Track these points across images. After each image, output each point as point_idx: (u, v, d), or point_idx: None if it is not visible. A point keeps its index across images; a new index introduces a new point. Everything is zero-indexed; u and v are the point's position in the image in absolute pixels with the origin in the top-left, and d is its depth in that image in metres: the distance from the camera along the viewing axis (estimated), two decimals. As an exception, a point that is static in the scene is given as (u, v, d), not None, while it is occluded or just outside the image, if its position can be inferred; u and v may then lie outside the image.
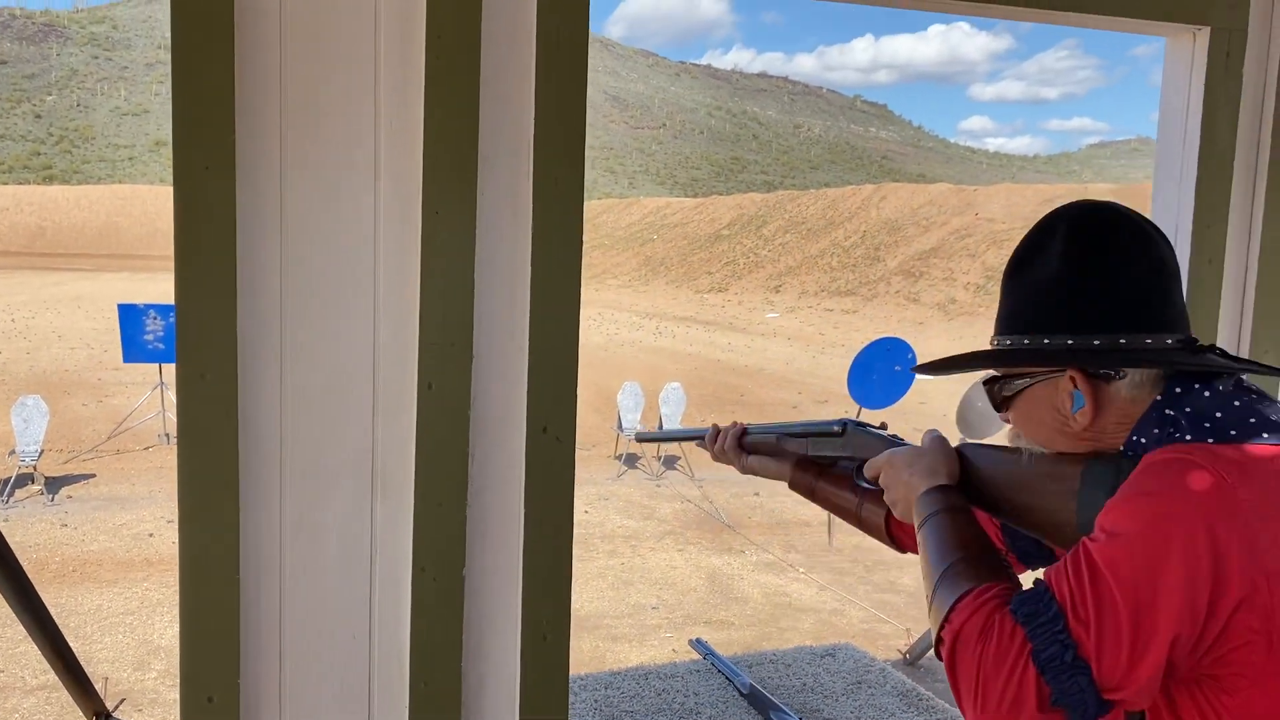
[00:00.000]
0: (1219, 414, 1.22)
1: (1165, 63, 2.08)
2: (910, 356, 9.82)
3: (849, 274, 36.60)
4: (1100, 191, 32.98)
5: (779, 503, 10.43)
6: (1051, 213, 1.37)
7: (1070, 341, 1.29)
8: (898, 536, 1.75)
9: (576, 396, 1.69)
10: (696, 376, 18.50)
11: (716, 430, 1.82)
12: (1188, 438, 1.22)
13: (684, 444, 11.97)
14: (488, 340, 1.65)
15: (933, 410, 14.36)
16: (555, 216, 1.66)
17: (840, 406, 14.77)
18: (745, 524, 9.62)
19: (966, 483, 1.42)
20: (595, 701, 2.56)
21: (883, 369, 9.67)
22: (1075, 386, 1.30)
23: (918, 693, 2.57)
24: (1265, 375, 1.32)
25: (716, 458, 1.84)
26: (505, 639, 1.69)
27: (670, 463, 12.00)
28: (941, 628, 1.23)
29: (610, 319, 30.48)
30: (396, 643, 1.65)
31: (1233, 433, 1.20)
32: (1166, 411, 1.25)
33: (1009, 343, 1.35)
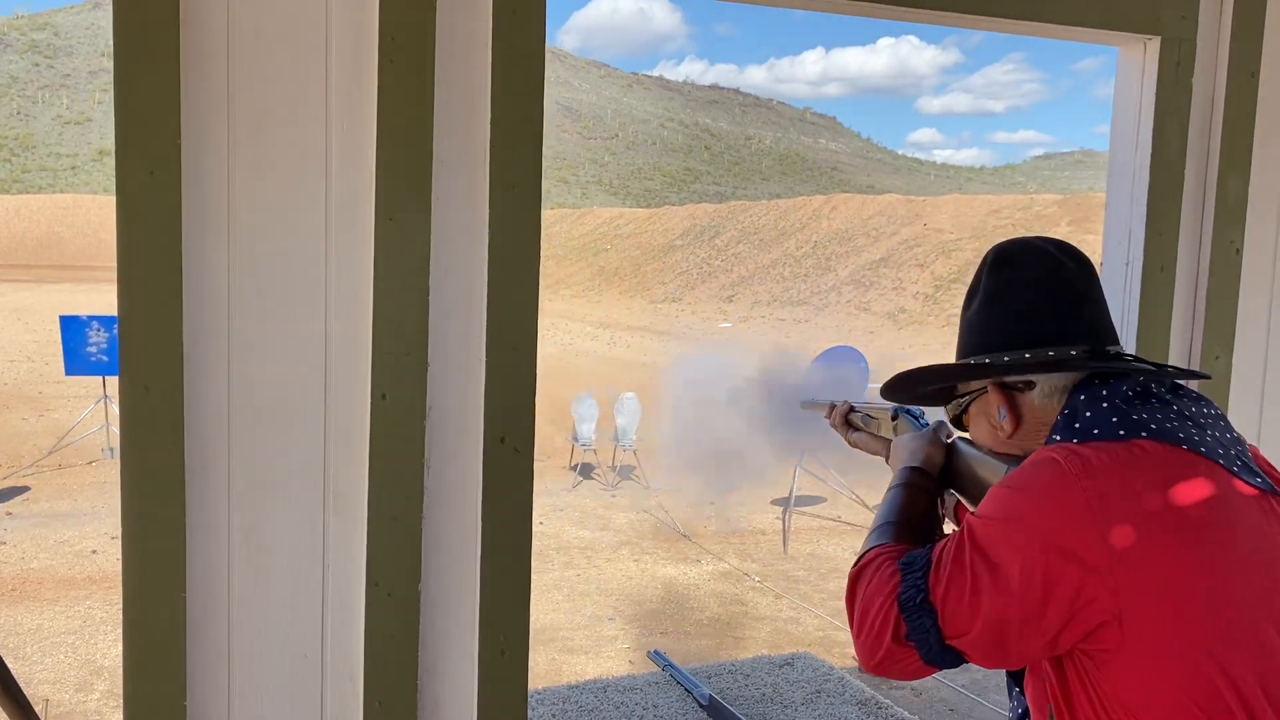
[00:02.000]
0: (1088, 414, 1.38)
1: (1117, 72, 2.10)
2: (863, 365, 9.91)
3: (801, 284, 36.87)
4: (1045, 202, 33.55)
5: (734, 511, 10.44)
6: (987, 253, 1.57)
7: (988, 359, 1.47)
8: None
9: (535, 407, 1.66)
10: (651, 386, 18.48)
11: (832, 406, 1.98)
12: (1057, 438, 1.39)
13: (640, 454, 11.95)
14: (443, 349, 1.61)
15: (885, 418, 14.49)
16: (513, 224, 1.63)
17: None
18: (701, 533, 9.61)
19: (947, 468, 1.63)
20: (553, 716, 2.53)
21: (836, 377, 9.74)
22: (997, 401, 1.48)
23: (877, 701, 2.56)
24: (1168, 376, 1.46)
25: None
26: (462, 655, 1.65)
27: (625, 473, 11.96)
28: (853, 567, 1.47)
29: (564, 329, 30.38)
30: (350, 661, 1.60)
31: (1095, 431, 1.36)
32: (1062, 412, 1.42)
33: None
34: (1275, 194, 2.20)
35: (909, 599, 1.37)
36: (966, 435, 1.61)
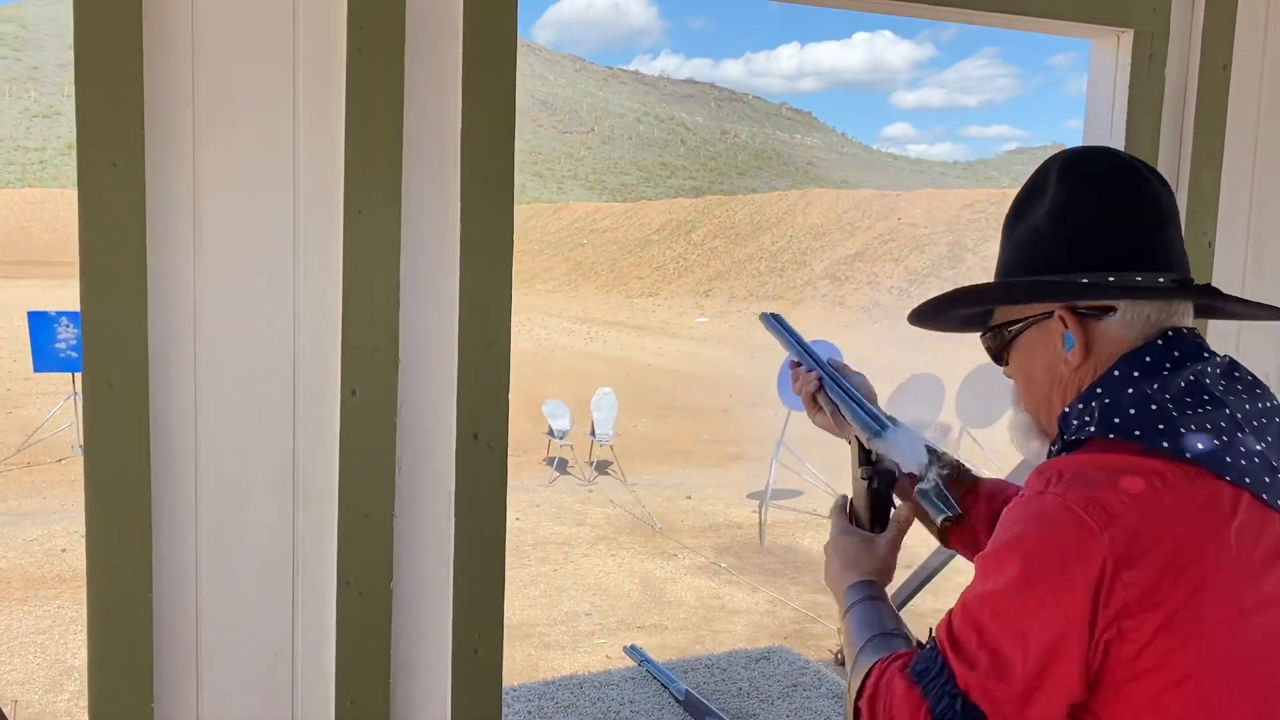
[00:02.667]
0: (1133, 410, 1.22)
1: (1090, 65, 2.11)
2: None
3: (777, 278, 36.95)
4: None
5: (711, 505, 10.45)
6: (1046, 160, 1.36)
7: (1060, 280, 1.28)
8: (954, 546, 1.72)
9: (508, 402, 1.64)
10: (628, 381, 18.47)
11: (797, 367, 1.70)
12: (1091, 430, 1.24)
13: (617, 449, 11.93)
14: (415, 344, 1.59)
15: (860, 412, 14.54)
16: (485, 217, 1.61)
17: (771, 409, 14.90)
18: (677, 527, 9.61)
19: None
20: (529, 713, 2.51)
21: (812, 371, 9.76)
22: (1065, 326, 1.29)
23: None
24: (1264, 319, 1.33)
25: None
26: (436, 655, 1.63)
27: (602, 468, 11.95)
28: (858, 698, 1.28)
29: (540, 324, 30.31)
30: (321, 662, 1.58)
31: (1136, 433, 1.21)
32: (1097, 390, 1.26)
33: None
34: (1246, 187, 2.21)
35: (944, 711, 1.20)
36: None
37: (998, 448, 10.54)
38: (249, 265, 1.54)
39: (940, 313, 1.45)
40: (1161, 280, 1.27)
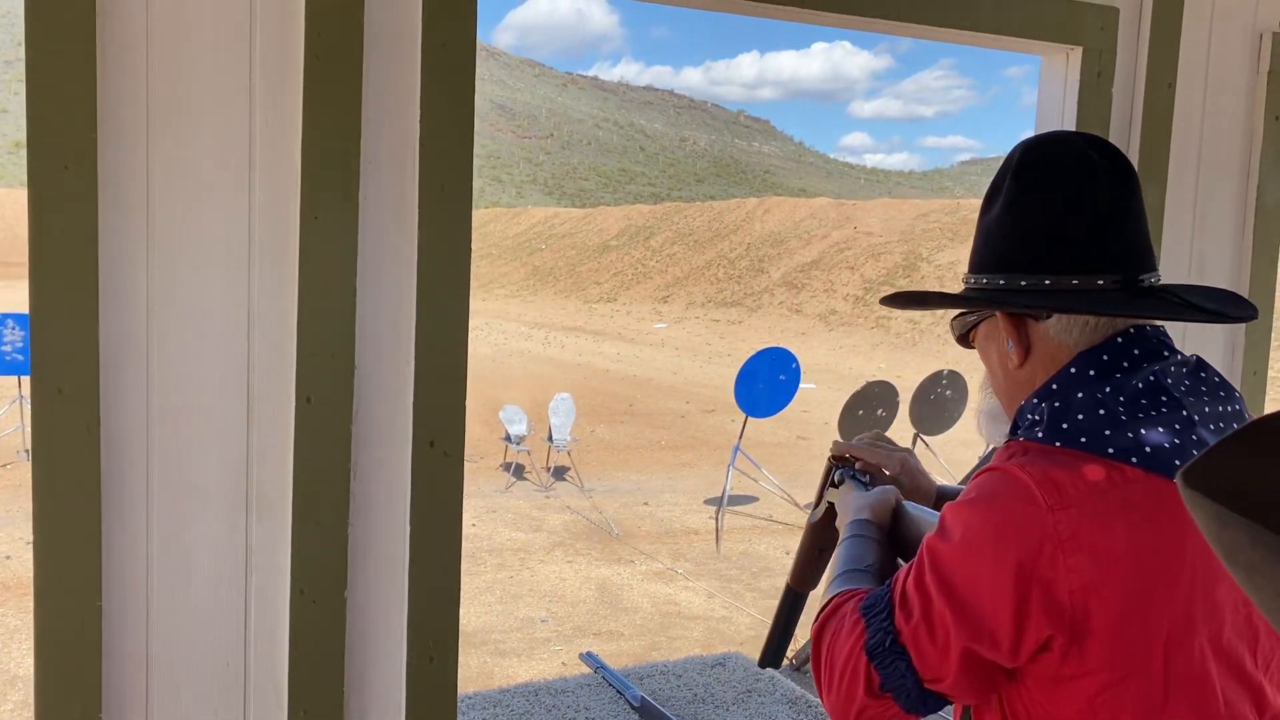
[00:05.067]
0: (1080, 416, 1.23)
1: (1040, 81, 2.15)
2: (794, 366, 9.99)
3: (734, 285, 37.12)
4: (971, 206, 34.26)
5: (667, 511, 10.47)
6: (1014, 147, 1.37)
7: (1001, 281, 1.30)
8: None
9: (465, 409, 1.64)
10: (586, 386, 18.46)
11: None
12: (1039, 435, 1.25)
13: (574, 455, 11.91)
14: (371, 351, 1.58)
15: (815, 419, 14.63)
16: (442, 223, 1.61)
17: (727, 415, 14.94)
18: (634, 534, 9.62)
19: (894, 532, 1.51)
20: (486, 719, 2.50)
21: (768, 378, 9.82)
22: (1004, 330, 1.32)
23: (807, 699, 2.58)
24: (1213, 322, 1.31)
25: None
26: (390, 663, 1.62)
27: (559, 473, 11.92)
28: (815, 621, 1.36)
29: (498, 329, 30.18)
30: (273, 670, 1.57)
31: (1081, 440, 1.22)
32: (1053, 387, 1.27)
33: (967, 283, 1.38)
34: (1190, 204, 2.26)
35: (877, 644, 1.25)
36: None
37: (950, 453, 10.67)
38: (203, 270, 1.53)
39: (907, 305, 1.49)
40: (1101, 283, 1.26)
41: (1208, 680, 1.23)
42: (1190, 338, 2.33)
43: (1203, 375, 1.28)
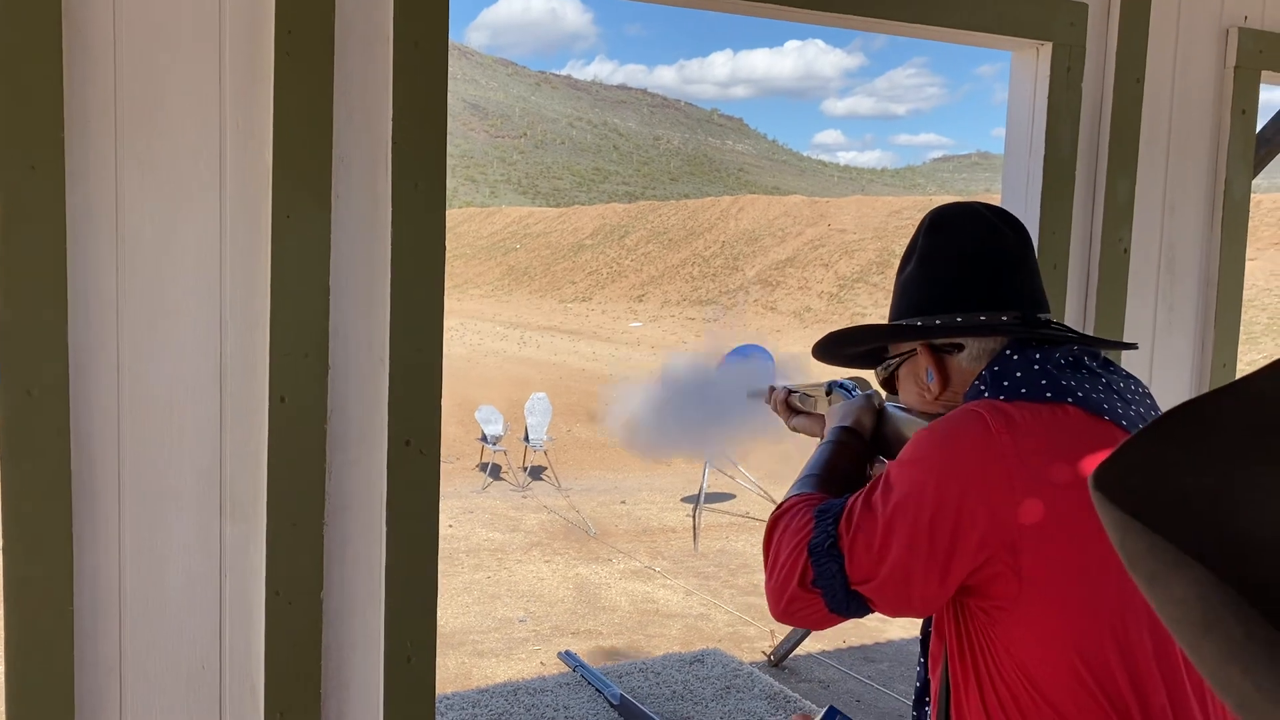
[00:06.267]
0: (1019, 374, 1.39)
1: (1011, 76, 2.17)
2: (770, 363, 10.04)
3: (709, 283, 37.18)
4: (944, 202, 34.32)
5: (645, 510, 10.48)
6: (923, 217, 1.57)
7: (919, 322, 1.48)
8: None
9: (440, 408, 1.63)
10: (561, 386, 18.43)
11: (771, 390, 1.93)
12: (985, 392, 1.41)
13: (551, 454, 11.89)
14: (344, 350, 1.57)
15: (792, 415, 14.69)
16: (416, 222, 1.60)
17: (703, 413, 14.95)
18: (612, 532, 9.61)
19: (876, 432, 1.65)
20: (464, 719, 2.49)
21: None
22: (925, 362, 1.49)
23: (785, 694, 2.59)
24: (1103, 348, 1.49)
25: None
26: (367, 664, 1.61)
27: (536, 473, 11.90)
28: (772, 513, 1.48)
29: (473, 329, 30.07)
30: (250, 672, 1.56)
31: (1022, 391, 1.37)
32: (994, 368, 1.43)
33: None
34: (1159, 195, 2.29)
35: (818, 544, 1.37)
36: (897, 400, 1.63)
37: (926, 450, 10.69)
38: (174, 270, 1.51)
39: (837, 349, 1.66)
40: (1004, 318, 1.46)
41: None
42: (1160, 333, 2.35)
43: (1111, 368, 1.46)
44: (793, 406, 1.89)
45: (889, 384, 1.62)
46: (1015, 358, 1.41)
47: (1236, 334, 2.50)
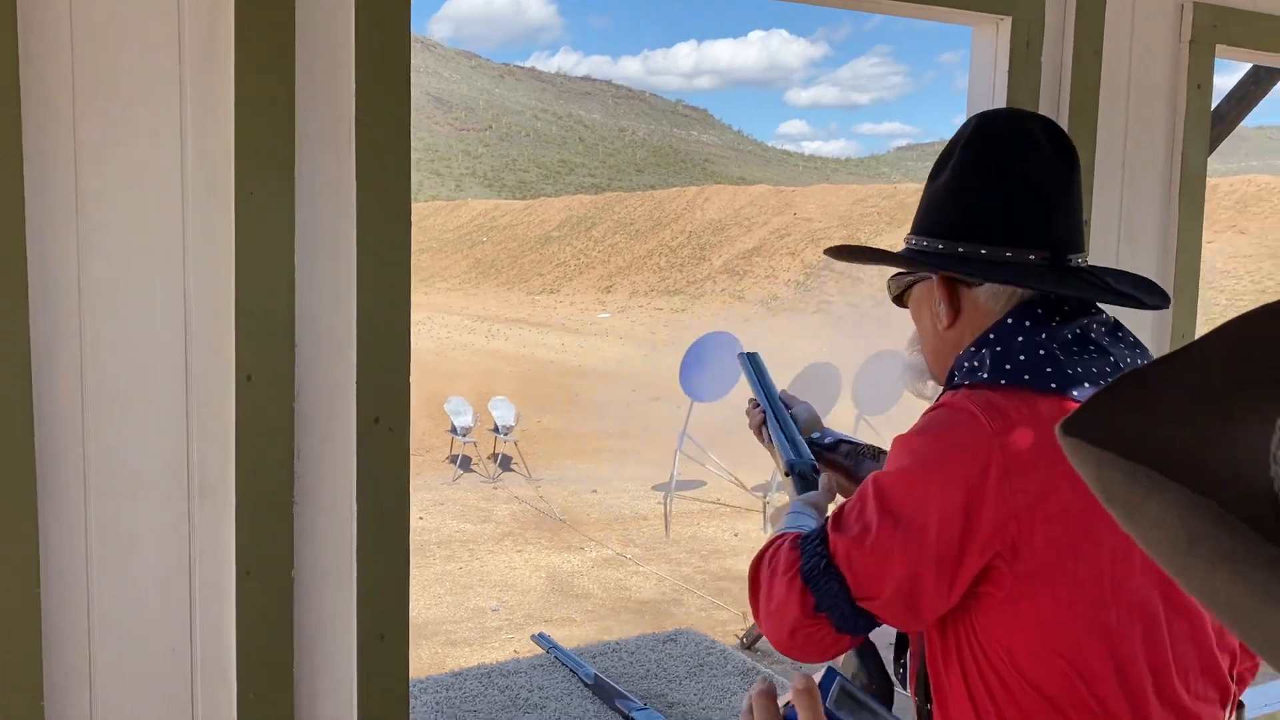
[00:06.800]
0: (1021, 357, 1.30)
1: (971, 51, 2.19)
2: (739, 351, 10.07)
3: (677, 273, 37.22)
4: (908, 190, 34.68)
5: (616, 498, 10.50)
6: (969, 119, 1.45)
7: (940, 246, 1.37)
8: None
9: (409, 384, 1.63)
10: (530, 377, 18.40)
11: (755, 404, 1.83)
12: (984, 376, 1.32)
13: (519, 444, 11.87)
14: (311, 328, 1.56)
15: (761, 403, 14.74)
16: (382, 199, 1.59)
17: (673, 402, 14.99)
18: (584, 521, 9.63)
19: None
20: (437, 703, 2.49)
21: (713, 363, 9.87)
22: (940, 293, 1.40)
23: (758, 670, 2.61)
24: (1130, 306, 1.39)
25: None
26: (340, 642, 1.61)
27: (506, 464, 11.89)
28: (753, 562, 1.44)
29: (441, 322, 29.94)
30: (221, 654, 1.55)
31: (1025, 377, 1.29)
32: (990, 336, 1.34)
33: (908, 244, 1.45)
34: (1118, 170, 2.32)
35: (812, 569, 1.32)
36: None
37: (894, 433, 10.77)
38: (136, 250, 1.49)
39: (851, 259, 1.56)
40: (1031, 257, 1.34)
41: (1150, 607, 1.28)
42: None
43: (1120, 334, 1.38)
44: (763, 436, 1.81)
45: (900, 300, 1.53)
46: (1019, 336, 1.32)
47: (1195, 305, 2.54)
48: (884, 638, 1.50)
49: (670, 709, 2.31)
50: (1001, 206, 1.36)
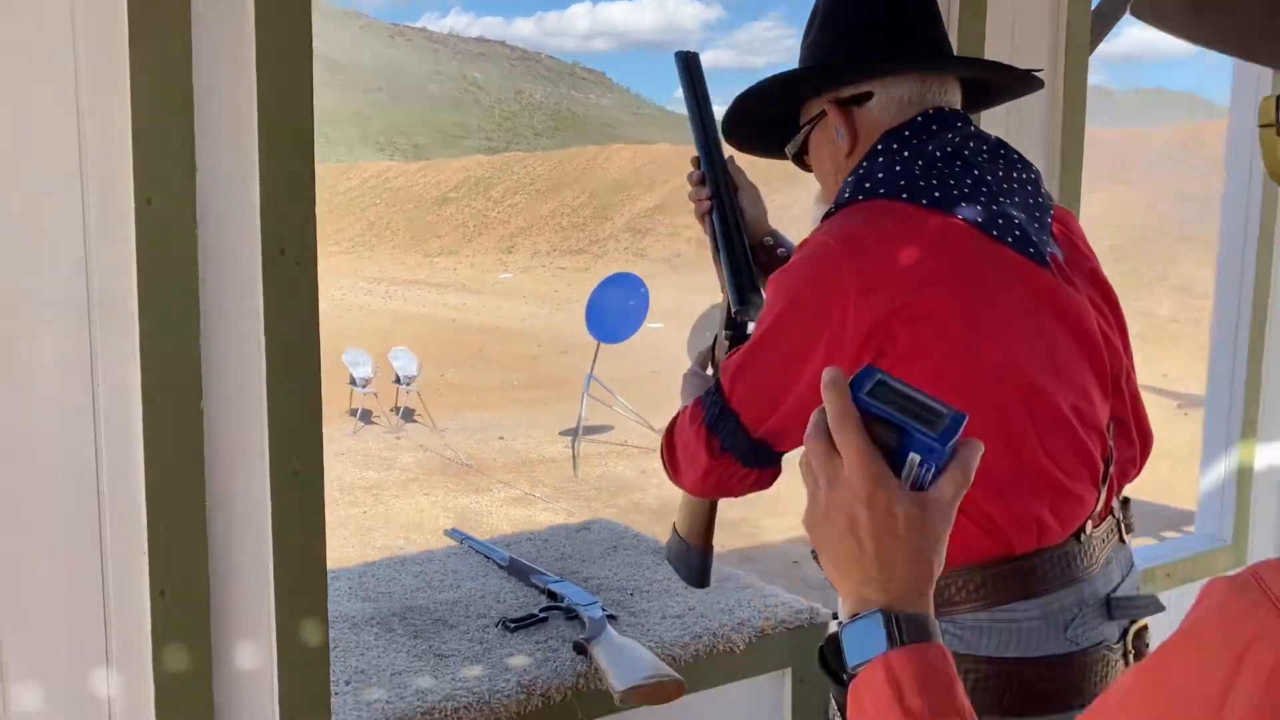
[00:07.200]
0: (880, 175, 1.36)
1: None
2: (643, 291, 10.11)
3: (579, 233, 37.10)
4: (805, 148, 34.95)
5: (523, 444, 10.49)
6: None
7: (814, 65, 1.46)
8: None
9: (315, 214, 1.60)
10: (432, 336, 18.18)
11: (699, 182, 1.76)
12: (846, 196, 1.38)
13: (423, 395, 11.74)
14: (211, 151, 1.51)
15: (666, 355, 14.85)
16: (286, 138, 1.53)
17: (580, 356, 14.99)
18: (491, 465, 9.61)
19: None
20: (350, 589, 2.48)
21: (618, 305, 9.91)
22: (834, 119, 1.44)
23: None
24: (1004, 80, 1.49)
25: None
26: (252, 476, 1.57)
27: (409, 415, 11.75)
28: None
29: (334, 284, 29.27)
30: (128, 485, 1.50)
31: (881, 191, 1.35)
32: (861, 165, 1.40)
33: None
34: (1007, 42, 2.39)
35: (712, 416, 1.41)
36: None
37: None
38: (19, 69, 1.42)
39: (748, 125, 1.61)
40: (912, 57, 1.42)
41: (1015, 413, 1.30)
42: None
43: (1003, 152, 1.41)
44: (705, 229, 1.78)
45: (801, 160, 1.58)
46: (880, 158, 1.38)
47: (1079, 192, 2.62)
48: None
49: (586, 583, 2.34)
50: (873, 21, 1.43)
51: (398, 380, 11.63)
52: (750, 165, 1.76)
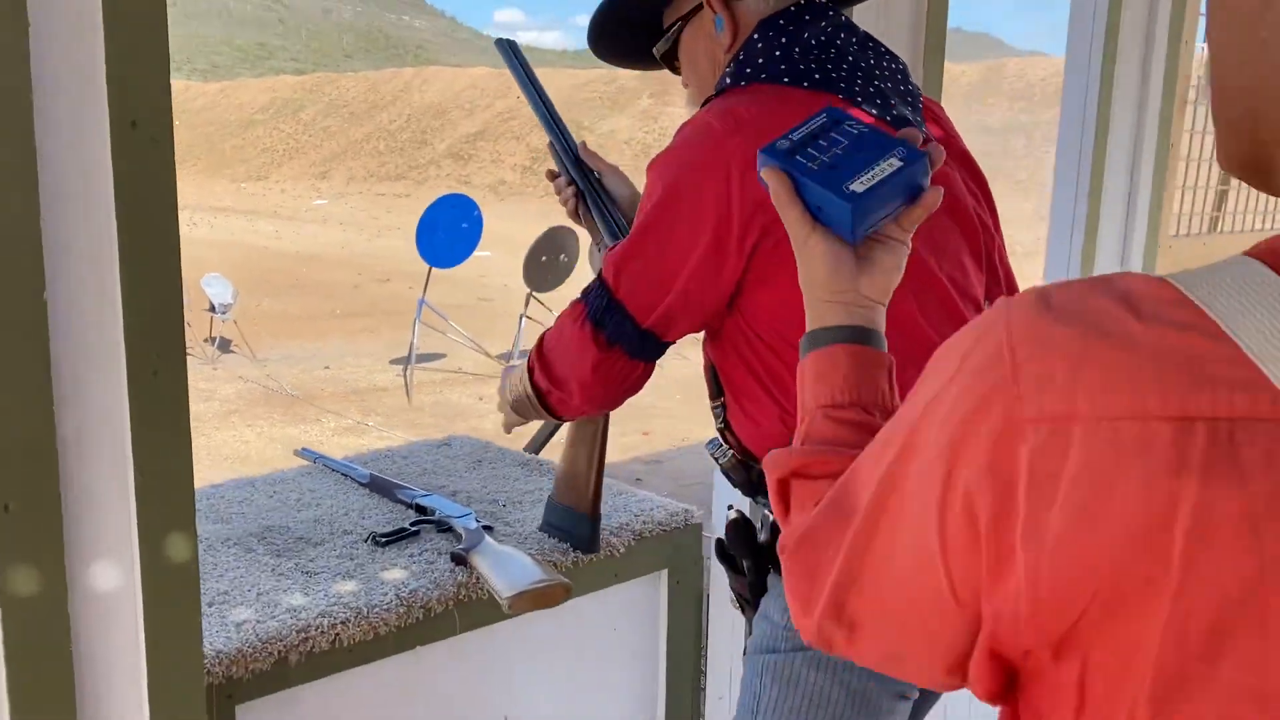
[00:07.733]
0: (760, 60, 1.38)
1: None
2: (476, 213, 9.85)
3: (397, 158, 35.84)
4: (627, 76, 34.92)
5: (351, 373, 10.14)
6: None
7: None
8: None
9: (169, 87, 1.44)
10: (243, 264, 17.20)
11: (555, 177, 1.82)
12: (727, 82, 1.39)
13: (241, 326, 11.13)
14: (46, 5, 1.33)
15: (494, 283, 14.62)
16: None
17: (404, 282, 14.57)
18: (318, 395, 9.25)
19: None
20: (202, 510, 2.31)
21: (449, 226, 9.62)
22: (713, 10, 1.44)
23: (538, 461, 2.61)
24: None
25: None
26: (108, 375, 1.42)
27: (225, 346, 11.14)
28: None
29: (134, 212, 27.25)
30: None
31: (762, 76, 1.38)
32: (739, 56, 1.41)
33: None
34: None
35: (596, 309, 1.39)
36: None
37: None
38: None
39: (613, 36, 1.59)
40: None
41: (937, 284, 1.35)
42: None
43: (871, 44, 1.46)
44: (582, 216, 1.78)
45: (671, 62, 1.56)
46: (760, 43, 1.40)
47: (940, 80, 2.67)
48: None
49: (454, 496, 2.27)
50: None
51: (211, 309, 10.96)
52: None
